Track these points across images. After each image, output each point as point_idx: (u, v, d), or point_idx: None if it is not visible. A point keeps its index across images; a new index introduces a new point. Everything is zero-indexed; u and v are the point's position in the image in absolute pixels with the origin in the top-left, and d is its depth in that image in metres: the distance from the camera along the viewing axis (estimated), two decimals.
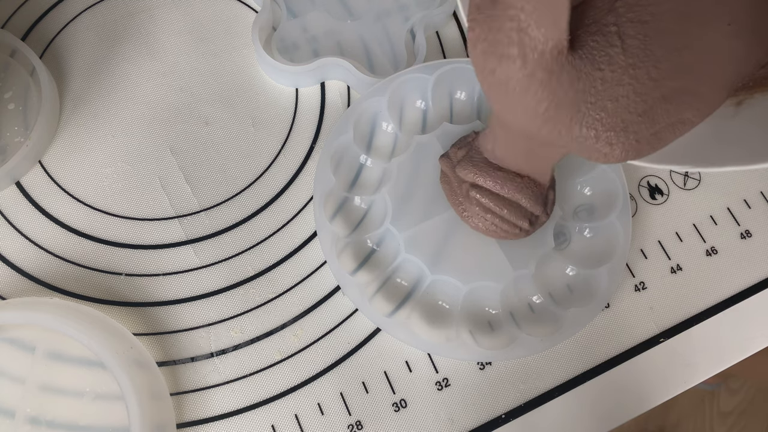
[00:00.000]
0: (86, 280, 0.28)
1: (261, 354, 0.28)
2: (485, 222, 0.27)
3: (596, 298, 0.27)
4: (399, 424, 0.27)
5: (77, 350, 0.26)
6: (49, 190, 0.30)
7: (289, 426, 0.27)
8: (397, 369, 0.28)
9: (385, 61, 0.32)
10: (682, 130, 0.20)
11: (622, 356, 0.29)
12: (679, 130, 0.20)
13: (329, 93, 0.32)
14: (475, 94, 0.30)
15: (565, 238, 0.29)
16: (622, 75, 0.19)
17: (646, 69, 0.19)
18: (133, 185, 0.30)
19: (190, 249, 0.29)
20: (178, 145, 0.31)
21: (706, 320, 0.29)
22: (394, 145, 0.30)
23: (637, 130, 0.19)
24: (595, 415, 0.28)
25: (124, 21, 0.32)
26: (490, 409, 0.28)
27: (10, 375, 0.25)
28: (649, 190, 0.31)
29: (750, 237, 0.31)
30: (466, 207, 0.27)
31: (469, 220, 0.27)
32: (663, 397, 0.29)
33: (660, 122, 0.19)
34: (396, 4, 0.32)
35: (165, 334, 0.28)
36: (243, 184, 0.30)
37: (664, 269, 0.30)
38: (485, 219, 0.27)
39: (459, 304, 0.27)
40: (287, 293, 0.29)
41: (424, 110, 0.31)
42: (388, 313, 0.27)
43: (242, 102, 0.32)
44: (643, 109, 0.19)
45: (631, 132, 0.19)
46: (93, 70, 0.32)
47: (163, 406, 0.26)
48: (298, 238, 0.30)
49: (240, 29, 0.33)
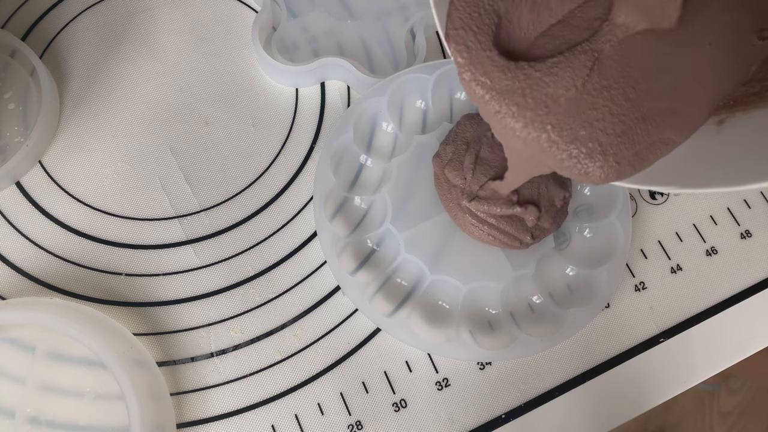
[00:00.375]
0: (86, 280, 0.28)
1: (261, 354, 0.28)
2: (481, 232, 0.26)
3: (596, 298, 0.27)
4: (399, 424, 0.27)
5: (77, 350, 0.26)
6: (49, 190, 0.30)
7: (289, 426, 0.27)
8: (397, 369, 0.28)
9: (385, 61, 0.32)
10: (664, 150, 0.19)
11: (622, 356, 0.29)
12: (660, 150, 0.19)
13: (329, 93, 0.32)
14: None
15: (565, 238, 0.29)
16: (596, 98, 0.19)
17: (622, 90, 0.19)
18: (133, 185, 0.30)
19: (190, 249, 0.29)
20: (178, 145, 0.31)
21: (706, 320, 0.29)
22: (394, 145, 0.30)
23: (616, 152, 0.19)
24: (595, 415, 0.28)
25: (124, 21, 0.32)
26: (490, 409, 0.28)
27: (10, 375, 0.25)
28: (649, 190, 0.31)
29: (750, 237, 0.31)
30: (456, 214, 0.27)
31: (463, 228, 0.27)
32: (663, 397, 0.29)
33: (640, 143, 0.19)
34: (396, 4, 0.32)
35: (165, 334, 0.28)
36: (243, 184, 0.30)
37: (664, 269, 0.30)
38: (481, 230, 0.26)
39: (459, 304, 0.27)
40: (287, 293, 0.29)
41: (424, 110, 0.31)
42: (388, 313, 0.27)
43: (242, 102, 0.32)
44: (622, 130, 0.19)
45: (611, 154, 0.19)
46: (93, 70, 0.32)
47: (163, 406, 0.26)
48: (298, 238, 0.30)
49: (240, 29, 0.33)
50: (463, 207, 0.26)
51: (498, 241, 0.26)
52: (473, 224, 0.26)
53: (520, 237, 0.26)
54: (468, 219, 0.26)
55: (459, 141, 0.27)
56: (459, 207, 0.27)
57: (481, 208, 0.26)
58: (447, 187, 0.27)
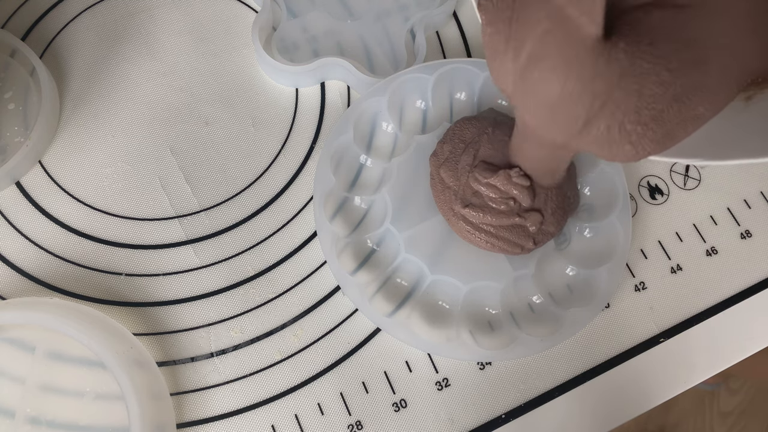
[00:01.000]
0: (86, 280, 0.28)
1: (261, 354, 0.28)
2: (478, 240, 0.26)
3: (596, 298, 0.27)
4: (399, 424, 0.27)
5: (77, 350, 0.26)
6: (49, 190, 0.30)
7: (289, 426, 0.27)
8: (397, 369, 0.28)
9: (385, 61, 0.32)
10: (695, 125, 0.19)
11: (622, 356, 0.29)
12: (691, 126, 0.19)
13: (329, 93, 0.32)
14: (475, 94, 0.30)
15: (565, 238, 0.29)
16: (648, 74, 0.18)
17: (664, 65, 0.18)
18: (133, 185, 0.30)
19: (190, 249, 0.29)
20: (178, 145, 0.31)
21: (706, 320, 0.29)
22: (394, 145, 0.30)
23: (654, 128, 0.19)
24: (595, 415, 0.28)
25: (124, 21, 0.32)
26: (490, 409, 0.28)
27: (10, 375, 0.25)
28: (649, 190, 0.31)
29: (750, 237, 0.31)
30: (450, 218, 0.26)
31: (459, 234, 0.26)
32: (663, 397, 0.29)
33: (671, 120, 0.19)
34: (396, 4, 0.32)
35: (165, 334, 0.28)
36: (243, 184, 0.30)
37: (664, 269, 0.30)
38: (477, 237, 0.26)
39: (459, 304, 0.27)
40: (287, 293, 0.29)
41: (424, 110, 0.31)
42: (388, 313, 0.27)
43: (242, 102, 0.32)
44: (661, 107, 0.19)
45: (650, 130, 0.19)
46: (93, 70, 0.32)
47: (163, 406, 0.26)
48: (298, 238, 0.30)
49: (240, 29, 0.33)
50: (456, 213, 0.26)
51: (497, 248, 0.26)
52: (469, 231, 0.26)
53: (522, 243, 0.26)
54: (462, 225, 0.26)
55: (457, 140, 0.27)
56: (453, 212, 0.26)
57: (474, 215, 0.25)
58: (441, 188, 0.26)
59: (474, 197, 0.26)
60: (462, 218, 0.26)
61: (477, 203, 0.26)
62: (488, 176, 0.25)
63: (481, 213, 0.25)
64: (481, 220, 0.25)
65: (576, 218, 0.29)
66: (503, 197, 0.25)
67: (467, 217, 0.26)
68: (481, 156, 0.26)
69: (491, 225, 0.25)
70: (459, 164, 0.26)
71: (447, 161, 0.26)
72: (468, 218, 0.26)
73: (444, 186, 0.26)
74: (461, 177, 0.26)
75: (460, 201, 0.26)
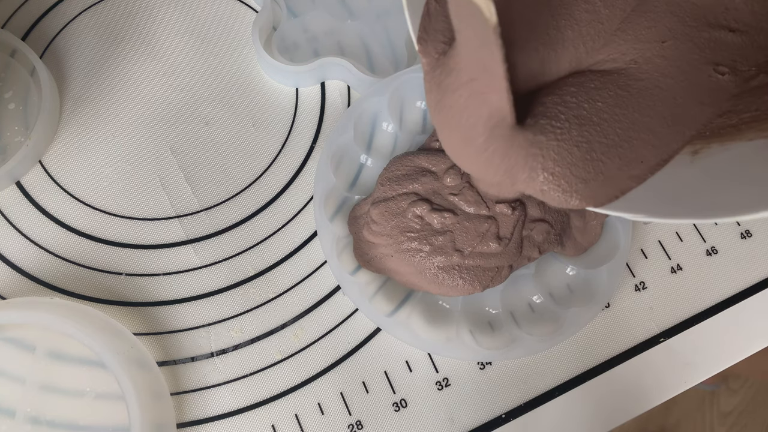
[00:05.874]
0: (86, 280, 0.28)
1: (261, 354, 0.28)
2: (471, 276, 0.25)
3: (596, 298, 0.27)
4: (399, 424, 0.27)
5: (77, 350, 0.26)
6: (49, 190, 0.30)
7: (290, 426, 0.27)
8: (397, 369, 0.28)
9: (385, 61, 0.32)
10: (638, 171, 0.20)
11: (622, 356, 0.29)
12: (635, 172, 0.20)
13: (329, 93, 0.32)
14: None
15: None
16: (580, 132, 0.19)
17: (600, 124, 0.20)
18: (134, 185, 0.30)
19: (191, 249, 0.29)
20: (178, 145, 0.31)
21: (706, 320, 0.29)
22: (394, 145, 0.30)
23: (593, 179, 0.19)
24: (595, 415, 0.28)
25: (124, 21, 0.32)
26: (490, 409, 0.28)
27: (10, 375, 0.25)
28: None
29: (750, 237, 0.31)
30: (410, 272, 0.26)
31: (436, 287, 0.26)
32: (663, 397, 0.29)
33: (614, 167, 0.20)
34: (396, 4, 0.32)
35: (165, 334, 0.28)
36: (243, 184, 0.30)
37: (664, 269, 0.30)
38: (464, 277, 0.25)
39: (459, 304, 0.27)
40: (287, 293, 0.29)
41: (424, 110, 0.31)
42: (389, 312, 0.27)
43: (242, 102, 0.32)
44: (602, 154, 0.19)
45: (589, 182, 0.19)
46: (93, 70, 0.32)
47: (164, 406, 0.26)
48: (298, 238, 0.30)
49: (240, 29, 0.33)
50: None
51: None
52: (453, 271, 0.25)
53: (528, 254, 0.26)
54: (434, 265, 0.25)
55: (391, 182, 0.26)
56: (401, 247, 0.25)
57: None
58: (366, 247, 0.26)
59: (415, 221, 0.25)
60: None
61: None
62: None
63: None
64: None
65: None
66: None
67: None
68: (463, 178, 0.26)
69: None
70: (407, 215, 0.26)
71: (379, 202, 0.26)
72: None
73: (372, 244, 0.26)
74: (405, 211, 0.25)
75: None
